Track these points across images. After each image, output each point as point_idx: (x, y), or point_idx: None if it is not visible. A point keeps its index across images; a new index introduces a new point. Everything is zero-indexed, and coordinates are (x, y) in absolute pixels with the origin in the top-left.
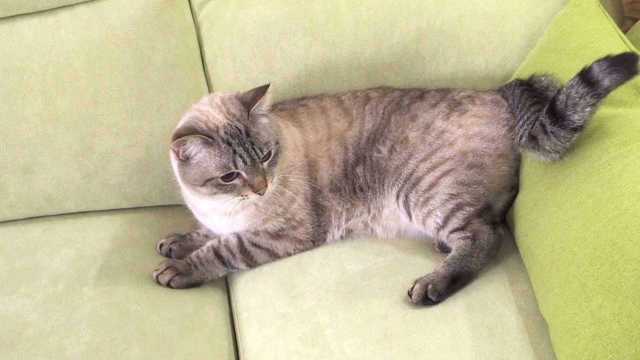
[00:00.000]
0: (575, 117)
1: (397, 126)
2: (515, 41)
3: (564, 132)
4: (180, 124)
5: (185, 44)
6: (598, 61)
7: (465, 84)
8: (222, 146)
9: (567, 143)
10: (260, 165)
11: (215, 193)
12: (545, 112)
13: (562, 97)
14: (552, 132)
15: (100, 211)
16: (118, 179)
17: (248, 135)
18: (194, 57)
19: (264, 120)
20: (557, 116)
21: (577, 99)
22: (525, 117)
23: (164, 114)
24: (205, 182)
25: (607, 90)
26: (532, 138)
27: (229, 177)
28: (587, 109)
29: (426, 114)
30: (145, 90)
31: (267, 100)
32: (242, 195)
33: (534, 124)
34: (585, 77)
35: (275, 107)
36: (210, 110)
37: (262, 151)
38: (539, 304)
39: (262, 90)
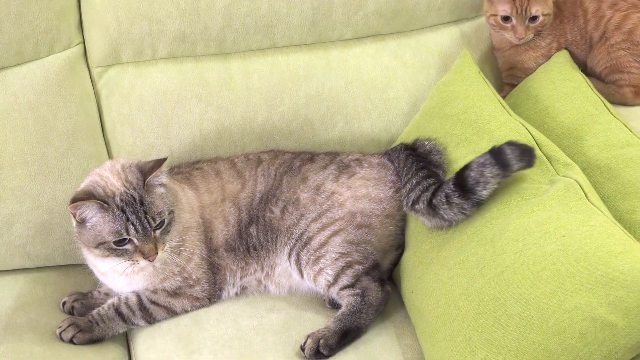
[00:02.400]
0: (484, 192)
1: (288, 187)
2: (399, 106)
3: (468, 205)
4: (81, 187)
5: (86, 111)
6: (509, 145)
7: (353, 147)
8: (117, 213)
9: (466, 214)
10: (152, 233)
11: (107, 256)
12: (452, 184)
13: (474, 174)
14: (457, 204)
15: (5, 271)
16: (22, 240)
17: (142, 204)
18: (94, 124)
19: (160, 190)
20: (466, 190)
21: (489, 178)
22: (414, 182)
23: (66, 178)
24: (99, 245)
25: (512, 173)
26: (432, 206)
27: (121, 242)
28: (495, 187)
29: (316, 175)
30: (48, 155)
31: (163, 172)
32: (132, 260)
33: (435, 192)
34: (499, 158)
35: (172, 171)
36: (110, 176)
37: (154, 220)
38: (425, 357)
39: (159, 162)
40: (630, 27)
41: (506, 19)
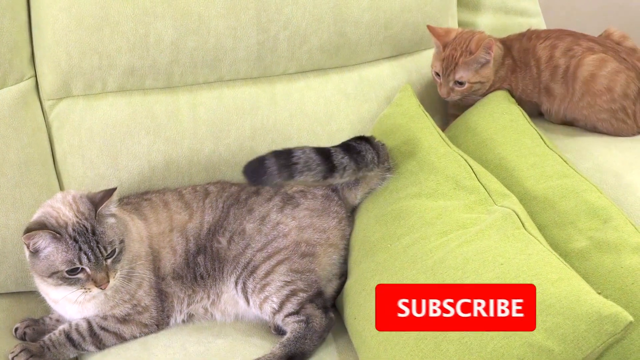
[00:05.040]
0: None
1: (235, 218)
2: (342, 138)
3: None
4: (33, 218)
5: (37, 142)
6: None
7: None
8: (69, 242)
9: None
10: (104, 262)
11: (60, 285)
12: None
13: None
14: None
15: None
16: None
17: (94, 233)
18: (45, 155)
19: (111, 220)
20: None
21: None
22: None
23: (19, 208)
24: (52, 274)
25: None
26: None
27: (73, 271)
28: None
29: (262, 207)
30: (1, 185)
31: (113, 202)
32: (85, 289)
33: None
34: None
35: (121, 201)
36: (61, 207)
37: (106, 250)
38: None
39: (109, 192)
40: (586, 76)
41: (437, 74)
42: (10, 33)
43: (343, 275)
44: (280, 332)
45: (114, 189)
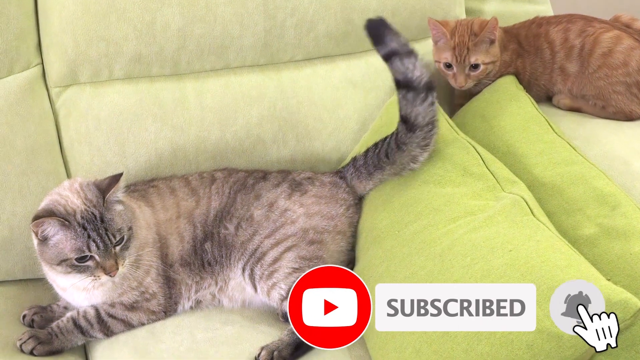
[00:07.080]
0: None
1: (242, 205)
2: (349, 126)
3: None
4: (41, 206)
5: (44, 129)
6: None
7: (304, 166)
8: (78, 230)
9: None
10: (113, 249)
11: (69, 272)
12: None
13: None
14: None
15: None
16: None
17: (102, 221)
18: (52, 142)
19: (119, 207)
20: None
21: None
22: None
23: (25, 195)
24: (61, 262)
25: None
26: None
27: (82, 259)
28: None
29: (270, 193)
30: (8, 173)
31: (120, 188)
32: (94, 276)
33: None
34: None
35: (129, 189)
36: (69, 195)
37: (114, 237)
38: None
39: (116, 178)
40: (604, 51)
41: (448, 66)
42: (17, 20)
43: (350, 263)
44: (288, 319)
45: (120, 174)
